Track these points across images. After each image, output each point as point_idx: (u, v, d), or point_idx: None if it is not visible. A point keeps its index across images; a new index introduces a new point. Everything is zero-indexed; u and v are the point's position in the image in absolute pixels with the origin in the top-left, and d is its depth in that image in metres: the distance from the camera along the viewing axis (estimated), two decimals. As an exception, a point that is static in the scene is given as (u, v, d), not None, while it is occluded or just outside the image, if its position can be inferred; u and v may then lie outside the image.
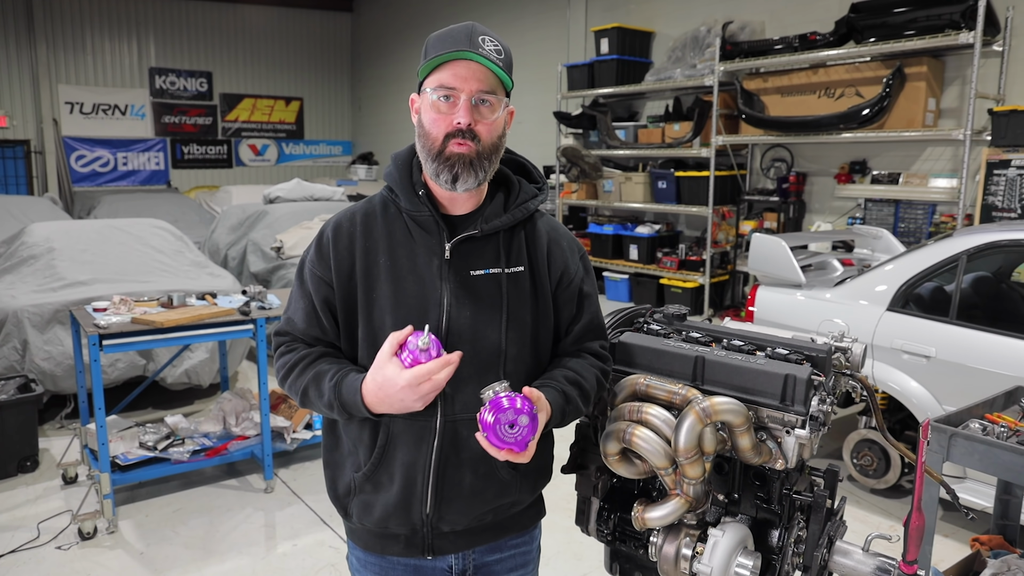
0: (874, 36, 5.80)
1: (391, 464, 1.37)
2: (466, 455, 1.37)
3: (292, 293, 1.47)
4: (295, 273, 1.48)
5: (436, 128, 1.33)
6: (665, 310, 1.70)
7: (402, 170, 1.43)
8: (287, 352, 1.43)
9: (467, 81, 1.31)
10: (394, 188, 1.42)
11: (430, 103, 1.33)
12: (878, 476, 3.75)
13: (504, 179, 1.47)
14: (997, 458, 2.10)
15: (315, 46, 14.19)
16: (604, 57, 8.12)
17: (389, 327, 1.34)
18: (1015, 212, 5.09)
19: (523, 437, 1.23)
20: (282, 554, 3.24)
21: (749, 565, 1.35)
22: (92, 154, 12.24)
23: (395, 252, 1.38)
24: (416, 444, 1.36)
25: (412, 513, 1.38)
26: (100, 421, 3.33)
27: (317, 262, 1.42)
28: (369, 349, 1.36)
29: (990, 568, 2.35)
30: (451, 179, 1.33)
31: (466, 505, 1.39)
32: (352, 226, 1.42)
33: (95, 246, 5.09)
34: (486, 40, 1.33)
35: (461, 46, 1.30)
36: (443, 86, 1.31)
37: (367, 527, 1.44)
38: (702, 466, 1.34)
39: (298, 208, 7.19)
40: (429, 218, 1.38)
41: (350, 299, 1.39)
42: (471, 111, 1.32)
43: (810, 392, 1.36)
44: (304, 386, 1.37)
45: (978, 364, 3.18)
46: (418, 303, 1.35)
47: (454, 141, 1.32)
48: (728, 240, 7.47)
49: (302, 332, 1.43)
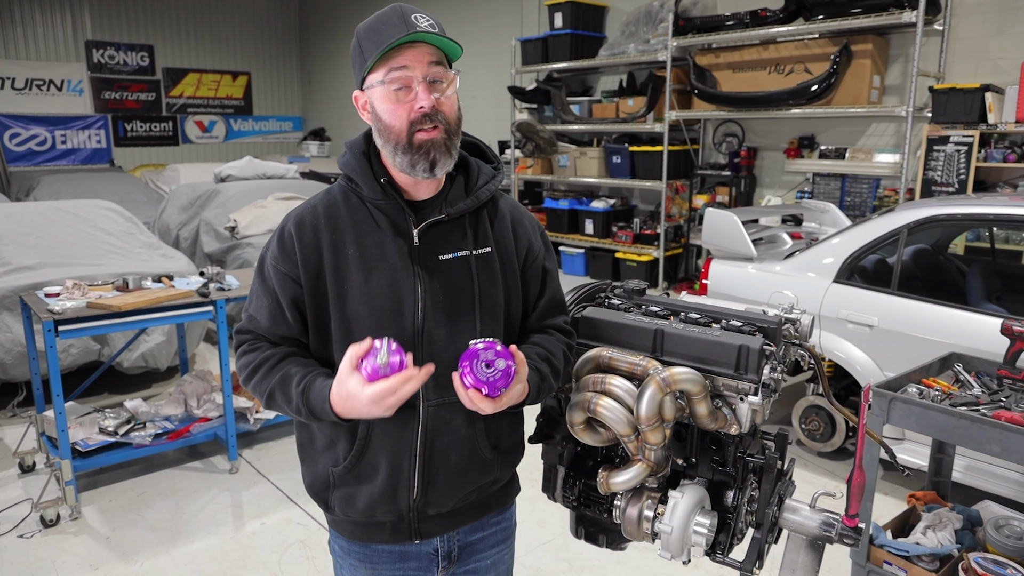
0: (822, 14, 5.94)
1: (374, 455, 1.38)
2: (450, 438, 1.39)
3: (253, 290, 1.42)
4: (255, 269, 1.44)
5: (397, 119, 1.30)
6: (625, 285, 1.77)
7: (360, 159, 1.39)
8: (250, 351, 1.40)
9: (416, 62, 1.27)
10: (354, 177, 1.39)
11: (383, 95, 1.29)
12: (824, 440, 3.94)
13: (461, 161, 1.45)
14: (931, 420, 2.25)
15: (262, 18, 13.81)
16: (558, 32, 8.12)
17: (364, 318, 1.34)
18: (953, 187, 5.32)
19: (495, 380, 1.23)
20: (251, 533, 3.27)
21: (706, 523, 1.44)
22: (28, 132, 11.74)
23: (363, 242, 1.36)
24: (400, 432, 1.37)
25: (399, 500, 1.40)
26: (59, 408, 3.28)
27: (281, 258, 1.37)
28: (343, 341, 1.33)
29: (924, 521, 2.53)
30: (429, 166, 1.31)
31: (452, 487, 1.42)
32: (315, 219, 1.38)
33: (40, 229, 4.94)
34: (419, 17, 1.28)
35: (399, 31, 1.25)
36: (394, 74, 1.27)
37: (351, 518, 1.44)
38: (662, 432, 1.42)
39: (251, 186, 7.07)
40: (395, 205, 1.37)
41: (320, 294, 1.36)
42: (429, 91, 1.29)
43: (762, 361, 1.45)
44: (270, 389, 1.35)
45: (917, 332, 3.36)
46: (392, 291, 1.34)
47: (421, 129, 1.29)
48: (681, 214, 7.62)
49: (266, 331, 1.39)
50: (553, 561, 3.05)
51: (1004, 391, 2.46)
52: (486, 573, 1.58)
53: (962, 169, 5.26)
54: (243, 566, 3.03)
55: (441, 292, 1.37)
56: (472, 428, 1.42)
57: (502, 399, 1.27)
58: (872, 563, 2.45)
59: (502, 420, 1.49)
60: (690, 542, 1.45)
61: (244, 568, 3.01)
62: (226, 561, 3.06)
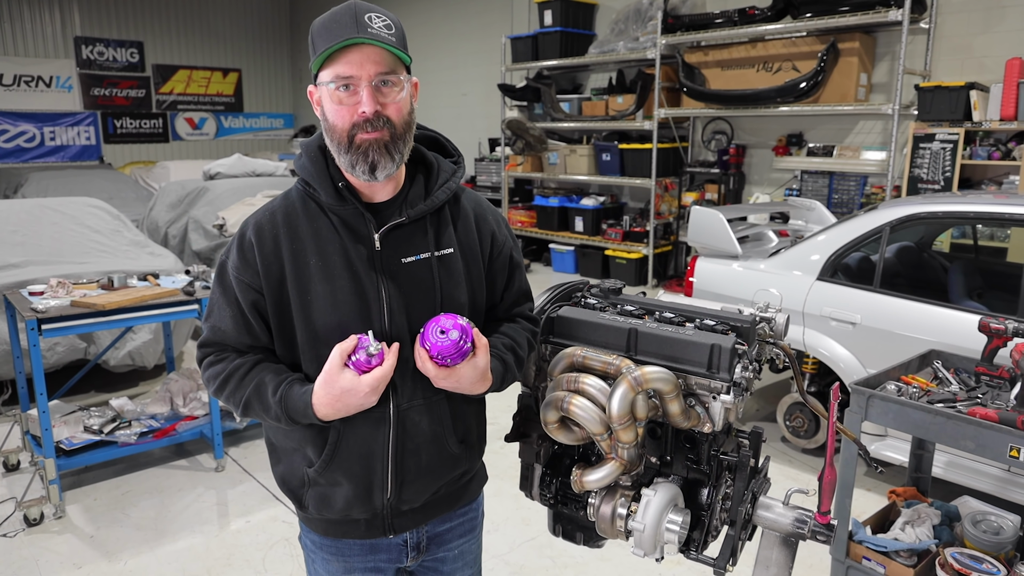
0: (810, 12, 5.97)
1: (346, 458, 1.38)
2: (420, 439, 1.41)
3: (214, 300, 1.39)
4: (215, 278, 1.40)
5: (340, 119, 1.27)
6: (601, 284, 1.78)
7: (316, 162, 1.36)
8: (218, 362, 1.37)
9: (363, 66, 1.24)
10: (310, 182, 1.36)
11: (329, 94, 1.27)
12: (808, 436, 3.97)
13: (420, 158, 1.43)
14: (909, 416, 2.27)
15: (253, 15, 13.77)
16: (548, 29, 8.13)
17: (332, 327, 1.32)
18: (938, 184, 5.36)
19: (443, 346, 1.28)
20: (236, 531, 3.27)
21: (679, 521, 1.45)
22: (16, 128, 11.69)
23: (325, 250, 1.34)
24: (372, 435, 1.37)
25: (374, 500, 1.41)
26: (42, 406, 3.28)
27: (242, 268, 1.34)
28: (312, 351, 1.34)
29: (903, 517, 2.55)
30: (368, 169, 1.29)
31: (424, 484, 1.44)
32: (274, 227, 1.35)
33: (26, 227, 4.92)
34: (373, 18, 1.25)
35: (348, 32, 1.22)
36: (339, 76, 1.25)
37: (326, 517, 1.45)
38: (635, 431, 1.43)
39: (240, 184, 7.05)
40: (354, 211, 1.35)
41: (282, 303, 1.34)
42: (374, 96, 1.26)
43: (734, 360, 1.46)
44: (245, 398, 1.33)
45: (899, 330, 3.38)
46: (357, 299, 1.33)
47: (362, 131, 1.27)
48: (671, 211, 7.64)
49: (234, 341, 1.37)
50: (536, 559, 3.06)
51: (981, 388, 2.49)
52: (453, 563, 1.61)
53: (947, 166, 5.29)
54: (227, 564, 3.03)
55: (404, 295, 1.37)
56: (440, 426, 1.44)
57: (451, 373, 1.31)
58: (851, 559, 2.47)
59: (468, 414, 1.51)
60: (663, 539, 1.46)
61: (228, 566, 3.02)
62: (211, 559, 3.06)
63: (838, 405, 1.57)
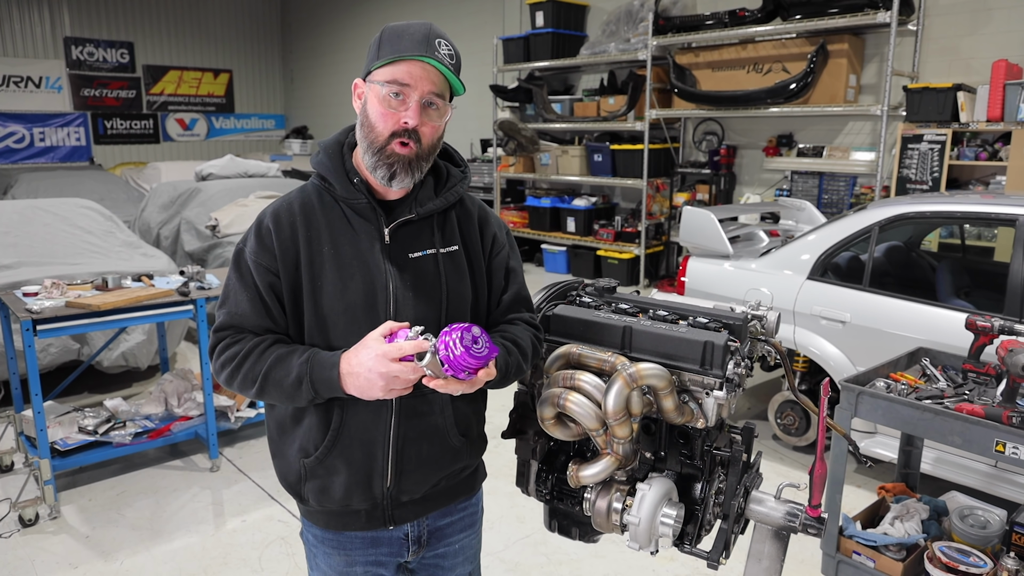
0: (799, 13, 6.02)
1: (348, 445, 1.42)
2: (422, 428, 1.44)
3: (230, 287, 1.43)
4: (231, 265, 1.44)
5: (383, 123, 1.35)
6: (596, 283, 1.81)
7: (334, 159, 1.45)
8: (234, 343, 1.39)
9: (420, 81, 1.34)
10: (327, 177, 1.44)
11: (380, 96, 1.35)
12: (799, 434, 4.01)
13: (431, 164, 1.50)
14: (898, 413, 2.31)
15: (244, 16, 13.73)
16: (540, 30, 8.16)
17: (339, 313, 1.38)
18: (927, 184, 5.42)
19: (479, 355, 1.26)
20: (231, 530, 3.28)
21: (673, 515, 1.49)
22: (5, 129, 11.60)
23: (337, 240, 1.41)
24: (373, 423, 1.41)
25: (374, 488, 1.44)
26: (37, 407, 3.28)
27: (260, 251, 1.40)
28: (319, 336, 1.40)
29: (892, 512, 2.59)
30: (388, 176, 1.38)
31: (424, 475, 1.48)
32: (291, 215, 1.42)
33: (18, 228, 4.91)
34: (442, 44, 1.36)
35: (418, 49, 1.32)
36: (396, 82, 1.33)
37: (326, 508, 1.48)
38: (630, 427, 1.46)
39: (232, 185, 7.05)
40: (367, 205, 1.42)
41: (296, 287, 1.40)
42: (420, 112, 1.35)
43: (726, 357, 1.50)
44: (265, 369, 1.35)
45: (888, 328, 3.43)
46: (365, 288, 1.39)
47: (397, 140, 1.35)
48: (662, 212, 7.68)
49: (251, 324, 1.40)
50: (532, 556, 3.09)
51: (968, 384, 2.53)
52: (454, 557, 1.64)
53: (935, 167, 5.35)
54: (224, 563, 3.04)
55: (411, 288, 1.42)
56: (443, 417, 1.47)
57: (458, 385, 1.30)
58: (842, 553, 2.51)
59: (470, 409, 1.54)
60: (657, 533, 1.50)
61: (224, 565, 3.03)
62: (207, 559, 3.07)
63: (828, 403, 1.60)
